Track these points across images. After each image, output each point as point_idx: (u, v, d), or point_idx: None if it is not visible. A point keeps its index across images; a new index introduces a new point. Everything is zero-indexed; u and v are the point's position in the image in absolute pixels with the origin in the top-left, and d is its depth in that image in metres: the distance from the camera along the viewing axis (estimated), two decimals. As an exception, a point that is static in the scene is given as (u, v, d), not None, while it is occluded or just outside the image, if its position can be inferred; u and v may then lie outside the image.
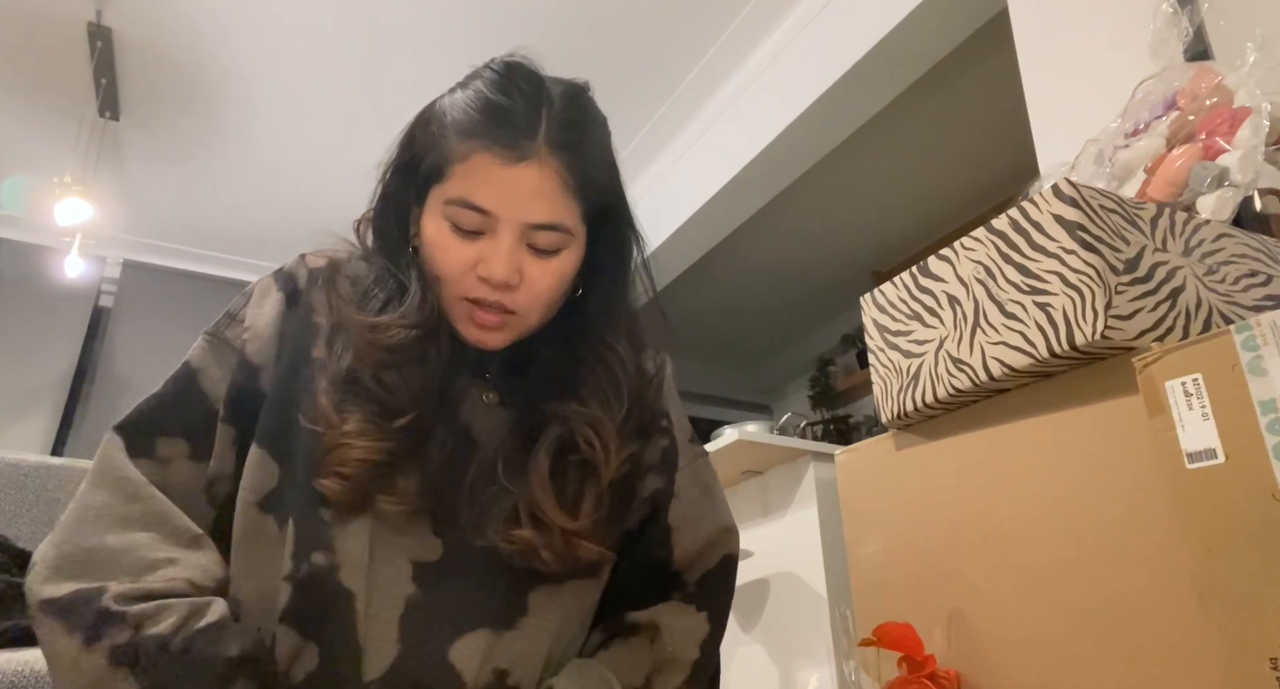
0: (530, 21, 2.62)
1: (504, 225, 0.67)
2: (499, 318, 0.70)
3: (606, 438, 0.71)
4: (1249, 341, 0.56)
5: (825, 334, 4.36)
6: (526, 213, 0.67)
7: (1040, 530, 0.76)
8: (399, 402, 0.68)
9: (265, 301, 0.74)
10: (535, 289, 0.69)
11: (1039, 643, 0.73)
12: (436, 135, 0.69)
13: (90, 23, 2.57)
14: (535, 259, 0.69)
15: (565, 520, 0.68)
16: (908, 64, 2.32)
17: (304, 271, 0.76)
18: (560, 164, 0.67)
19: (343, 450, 0.65)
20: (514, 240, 0.67)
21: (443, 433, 0.70)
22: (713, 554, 0.77)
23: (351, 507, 0.65)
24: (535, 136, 0.66)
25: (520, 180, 0.66)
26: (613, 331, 0.76)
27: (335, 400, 0.67)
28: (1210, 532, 0.57)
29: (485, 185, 0.66)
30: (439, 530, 0.67)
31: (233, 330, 0.73)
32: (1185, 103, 1.03)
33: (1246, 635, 0.53)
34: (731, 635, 2.30)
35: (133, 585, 0.60)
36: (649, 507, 0.76)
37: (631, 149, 3.23)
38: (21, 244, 3.64)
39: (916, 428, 0.92)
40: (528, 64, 0.72)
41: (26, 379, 3.52)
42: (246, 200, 3.54)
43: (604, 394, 0.73)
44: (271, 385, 0.70)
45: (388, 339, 0.69)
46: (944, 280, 0.87)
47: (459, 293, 0.70)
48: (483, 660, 0.64)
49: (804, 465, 2.19)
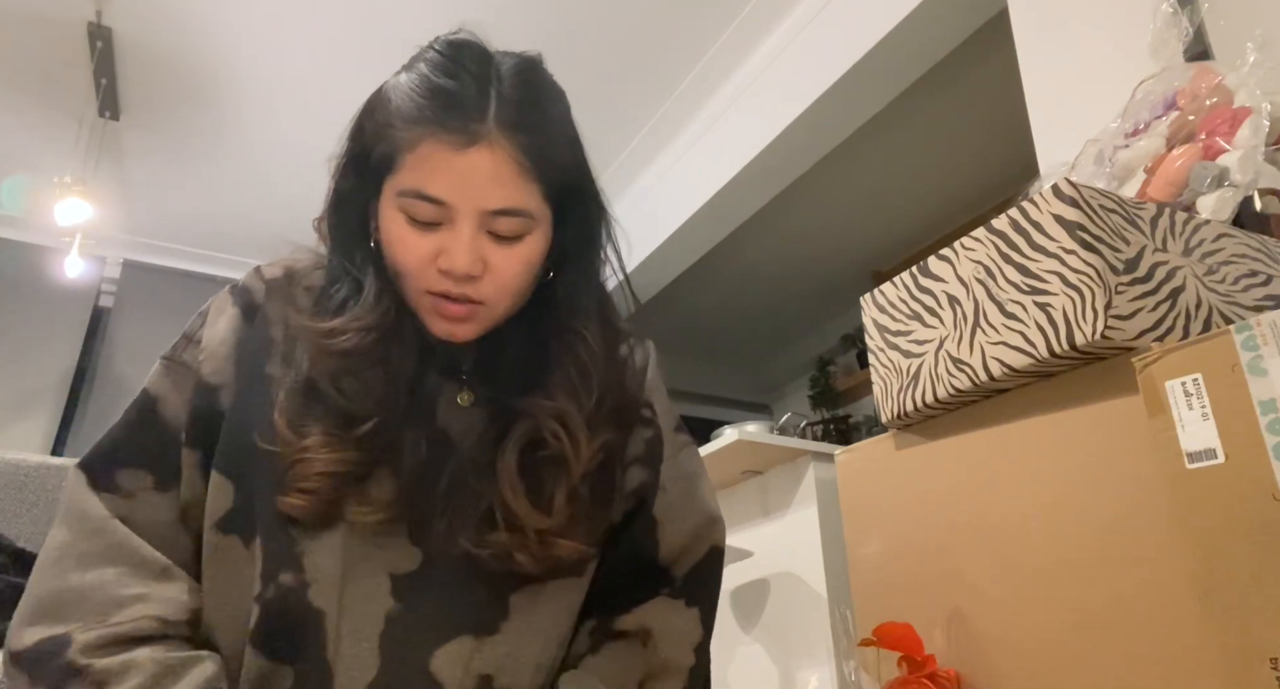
0: (531, 21, 2.62)
1: (461, 214, 0.63)
2: (466, 309, 0.67)
3: (575, 430, 0.68)
4: (1249, 342, 0.56)
5: (825, 334, 4.36)
6: (483, 199, 0.63)
7: (1040, 530, 0.75)
8: (360, 408, 0.65)
9: (220, 319, 0.72)
10: (500, 278, 0.66)
11: (1039, 643, 0.73)
12: (383, 124, 0.66)
13: (90, 23, 2.57)
14: (498, 247, 0.65)
15: (538, 520, 0.66)
16: (908, 64, 2.32)
17: (260, 284, 0.74)
18: (514, 145, 0.63)
19: (303, 466, 0.62)
20: (473, 229, 0.64)
21: (414, 436, 0.68)
22: (699, 547, 0.76)
23: (321, 521, 0.63)
24: (485, 118, 0.63)
25: (473, 166, 0.62)
26: (582, 317, 0.73)
27: (292, 415, 0.65)
28: (1210, 532, 0.57)
29: (437, 174, 0.63)
30: (416, 538, 0.65)
31: (190, 353, 0.70)
32: (1185, 103, 1.03)
33: (1246, 635, 0.53)
34: (731, 635, 2.31)
35: (100, 631, 0.58)
36: (634, 500, 0.75)
37: (631, 149, 3.22)
38: (21, 244, 3.64)
39: (916, 428, 0.92)
40: (474, 40, 0.69)
41: (26, 379, 3.52)
42: (247, 200, 3.53)
43: (572, 385, 0.70)
44: (230, 404, 0.68)
45: (342, 344, 0.66)
46: (944, 280, 0.87)
47: (422, 287, 0.67)
48: (465, 668, 0.63)
49: (804, 465, 2.19)
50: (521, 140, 0.64)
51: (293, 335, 0.69)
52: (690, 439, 0.84)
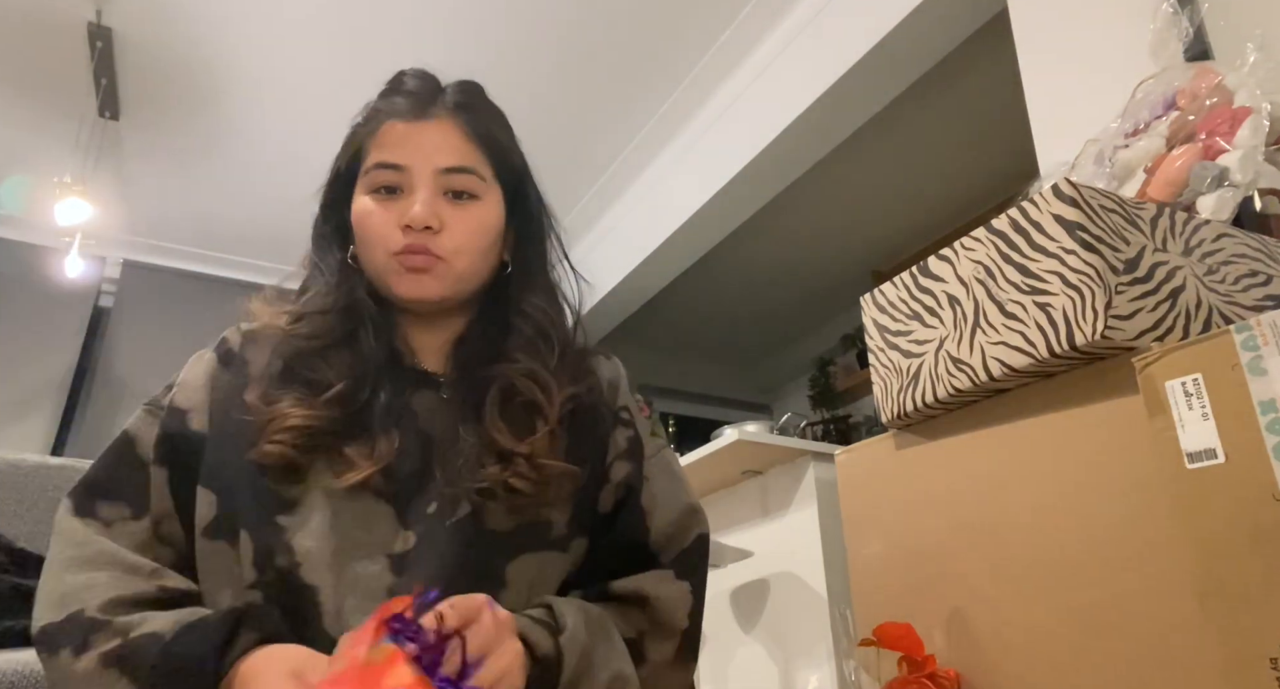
0: (531, 21, 2.62)
1: (417, 176, 0.74)
2: (426, 258, 0.74)
3: (543, 379, 0.76)
4: (1249, 342, 0.56)
5: (825, 334, 4.36)
6: (436, 159, 0.74)
7: (1040, 530, 0.76)
8: (326, 378, 0.72)
9: (198, 364, 0.78)
10: (456, 235, 0.75)
11: (1039, 643, 0.73)
12: (351, 138, 0.79)
13: (90, 23, 2.57)
14: (453, 206, 0.75)
15: (524, 446, 0.71)
16: (908, 64, 2.32)
17: (237, 337, 0.80)
18: (461, 120, 0.77)
19: (275, 422, 0.68)
20: (430, 189, 0.74)
21: (387, 405, 0.73)
22: (686, 535, 0.79)
23: (295, 476, 0.67)
24: (435, 102, 0.77)
25: (425, 133, 0.75)
26: (537, 293, 0.82)
27: (264, 391, 0.71)
28: (1210, 532, 0.57)
29: (395, 144, 0.75)
30: (407, 523, 0.69)
31: (165, 397, 0.76)
32: (1185, 103, 1.03)
33: (1246, 635, 0.53)
34: (731, 635, 2.31)
35: (113, 596, 0.62)
36: (623, 489, 0.78)
37: (632, 149, 3.22)
38: (21, 244, 3.64)
39: (916, 428, 0.92)
40: (425, 70, 0.83)
41: (26, 379, 3.52)
42: (247, 200, 3.53)
43: (533, 346, 0.78)
44: (207, 426, 0.72)
45: (306, 327, 0.75)
46: (944, 280, 0.87)
47: (389, 249, 0.74)
48: None
49: (804, 465, 2.19)
50: (466, 118, 0.77)
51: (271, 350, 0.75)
52: (666, 442, 0.87)
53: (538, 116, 2.94)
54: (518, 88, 2.87)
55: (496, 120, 0.81)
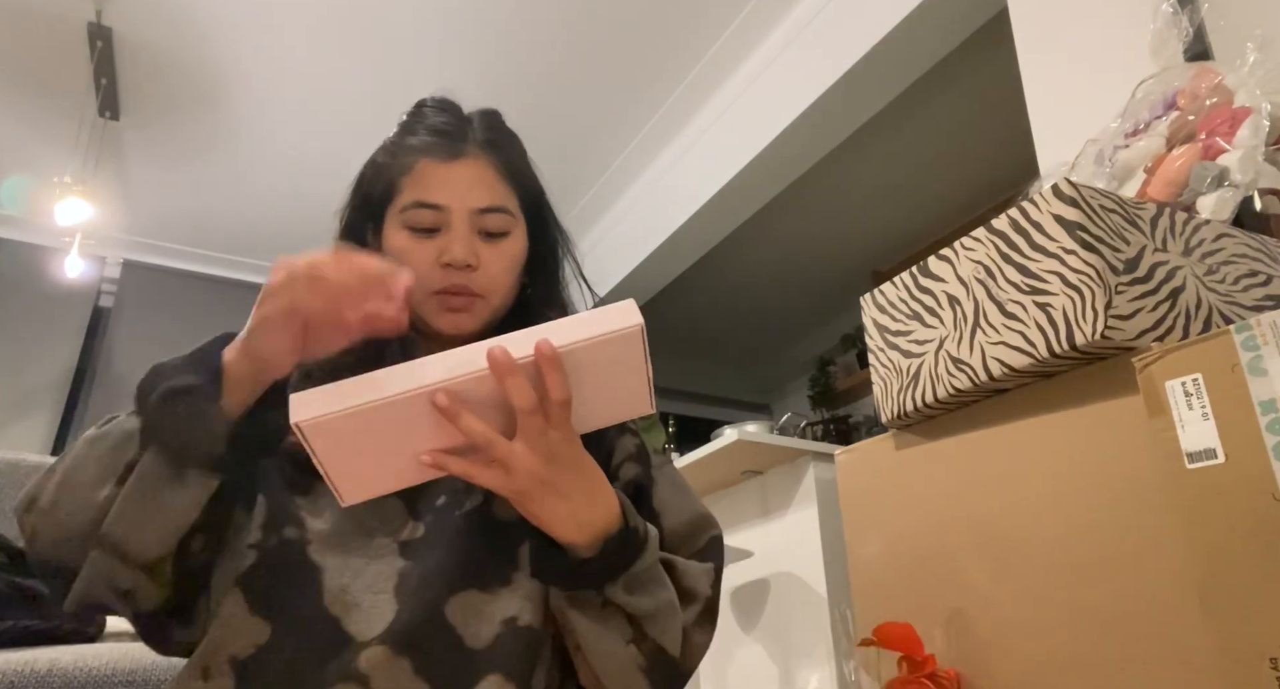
0: (531, 21, 2.62)
1: (455, 215, 0.76)
2: (466, 300, 0.77)
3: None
4: (1249, 342, 0.56)
5: (825, 334, 4.36)
6: (473, 200, 0.77)
7: (1040, 530, 0.76)
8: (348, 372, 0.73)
9: None
10: (491, 272, 0.78)
11: (1039, 643, 0.73)
12: (382, 166, 0.80)
13: (90, 23, 2.57)
14: (488, 244, 0.78)
15: None
16: (908, 64, 2.32)
17: None
18: (491, 158, 0.79)
19: None
20: (467, 228, 0.77)
21: None
22: (699, 537, 0.79)
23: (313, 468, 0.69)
24: (466, 139, 0.79)
25: (462, 173, 0.77)
26: (553, 309, 0.85)
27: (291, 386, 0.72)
28: (1210, 532, 0.57)
29: (432, 184, 0.77)
30: (417, 515, 0.71)
31: None
32: (1185, 103, 1.03)
33: (1246, 635, 0.53)
34: (731, 635, 2.31)
35: None
36: (632, 488, 0.79)
37: (632, 149, 3.23)
38: (21, 244, 3.64)
39: (916, 428, 0.92)
40: (450, 97, 0.85)
41: (26, 379, 3.52)
42: (247, 200, 3.53)
43: None
44: None
45: None
46: (944, 280, 0.87)
47: (429, 288, 0.76)
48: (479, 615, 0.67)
49: (804, 465, 2.19)
50: (495, 155, 0.80)
51: None
52: (668, 459, 0.89)
53: (538, 117, 2.95)
54: (518, 88, 2.87)
55: (518, 150, 0.84)
